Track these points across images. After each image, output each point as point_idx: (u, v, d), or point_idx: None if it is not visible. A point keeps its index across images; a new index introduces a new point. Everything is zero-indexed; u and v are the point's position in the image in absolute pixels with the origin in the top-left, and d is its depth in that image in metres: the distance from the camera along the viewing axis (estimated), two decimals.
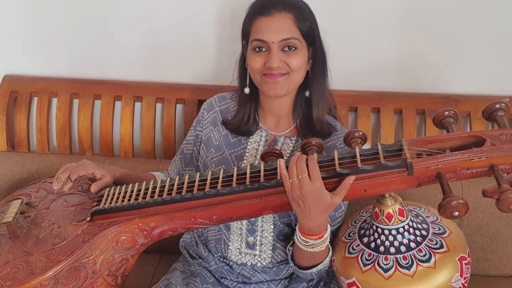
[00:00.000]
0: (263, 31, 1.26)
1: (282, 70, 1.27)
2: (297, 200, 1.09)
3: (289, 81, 1.30)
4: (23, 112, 1.89)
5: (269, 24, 1.25)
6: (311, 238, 1.17)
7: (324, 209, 1.09)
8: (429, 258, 1.18)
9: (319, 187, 1.06)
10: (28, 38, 1.89)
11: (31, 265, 1.14)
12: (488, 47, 1.70)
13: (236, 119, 1.41)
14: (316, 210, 1.09)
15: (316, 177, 1.06)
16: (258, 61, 1.28)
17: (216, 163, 1.40)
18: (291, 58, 1.27)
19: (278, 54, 1.26)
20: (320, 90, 1.34)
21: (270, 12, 1.25)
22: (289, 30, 1.26)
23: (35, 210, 1.32)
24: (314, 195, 1.07)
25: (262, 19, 1.26)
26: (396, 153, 1.05)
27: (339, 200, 1.08)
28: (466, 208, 0.94)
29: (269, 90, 1.30)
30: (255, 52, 1.29)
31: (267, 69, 1.27)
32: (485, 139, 1.01)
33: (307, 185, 1.06)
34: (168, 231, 1.20)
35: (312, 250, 1.19)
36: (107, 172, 1.34)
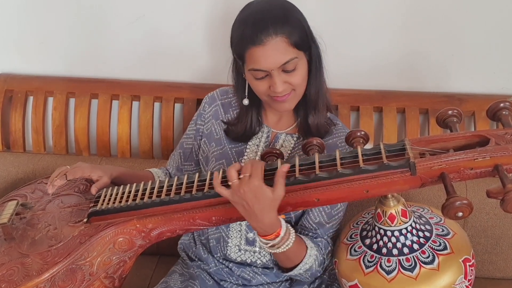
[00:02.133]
0: (260, 61, 1.22)
1: (287, 90, 1.27)
2: (239, 202, 1.10)
3: (296, 96, 1.30)
4: (18, 112, 1.89)
5: (264, 53, 1.21)
6: (269, 238, 1.17)
7: (269, 205, 1.10)
8: (432, 260, 1.18)
9: (257, 184, 1.08)
10: (23, 36, 1.89)
11: (27, 267, 1.15)
12: (492, 45, 1.71)
13: (238, 128, 1.41)
14: (261, 208, 1.10)
15: (255, 175, 1.08)
16: (262, 87, 1.27)
17: (217, 157, 1.41)
18: (293, 77, 1.25)
19: (280, 77, 1.24)
20: (315, 91, 1.33)
21: (261, 41, 1.20)
22: (285, 53, 1.22)
23: (31, 211, 1.32)
24: (254, 192, 1.08)
25: (255, 49, 1.21)
26: (398, 153, 1.05)
27: (280, 191, 1.08)
28: (470, 208, 0.94)
29: (279, 108, 1.32)
30: (256, 80, 1.27)
31: (273, 93, 1.26)
32: (489, 139, 1.01)
33: (246, 184, 1.08)
34: (167, 233, 1.21)
35: (278, 251, 1.19)
36: (103, 173, 1.35)
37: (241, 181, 1.08)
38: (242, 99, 1.36)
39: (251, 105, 1.37)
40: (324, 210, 1.34)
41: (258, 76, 1.26)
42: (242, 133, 1.40)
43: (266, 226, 1.14)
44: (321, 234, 1.35)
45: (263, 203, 1.09)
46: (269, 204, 1.10)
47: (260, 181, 1.08)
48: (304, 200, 1.11)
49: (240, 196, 1.09)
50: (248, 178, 1.08)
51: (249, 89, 1.34)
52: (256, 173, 1.08)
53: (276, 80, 1.23)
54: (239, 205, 1.11)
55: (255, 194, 1.08)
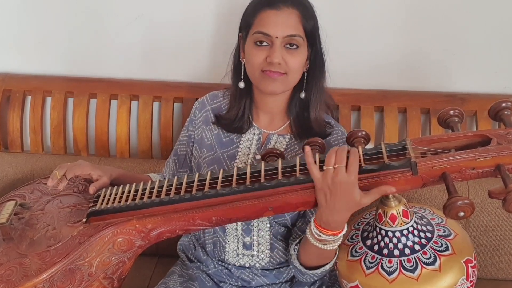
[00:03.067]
0: (269, 25, 1.26)
1: (281, 68, 1.27)
2: (324, 189, 1.06)
3: (286, 81, 1.30)
4: (16, 111, 1.90)
5: (276, 18, 1.25)
6: (326, 232, 1.14)
7: (350, 206, 1.08)
8: (434, 260, 1.18)
9: (353, 181, 1.04)
10: (22, 35, 1.89)
11: (25, 268, 1.15)
12: (494, 44, 1.71)
13: (230, 114, 1.41)
14: (341, 204, 1.07)
15: (353, 170, 1.04)
16: (259, 56, 1.28)
17: (209, 163, 1.41)
18: (292, 57, 1.27)
19: (281, 50, 1.26)
20: (318, 93, 1.35)
21: (278, 5, 1.25)
22: (295, 26, 1.26)
23: (30, 212, 1.32)
24: (345, 188, 1.04)
25: (269, 12, 1.26)
26: (400, 153, 1.06)
27: (368, 201, 1.06)
28: (471, 208, 0.95)
29: (267, 87, 1.30)
30: (256, 46, 1.28)
31: (267, 65, 1.27)
32: (491, 138, 1.01)
33: (341, 176, 1.04)
34: (166, 233, 1.21)
35: (323, 247, 1.17)
36: (103, 173, 1.35)
37: (337, 171, 1.04)
38: (237, 82, 1.37)
39: (244, 92, 1.38)
40: None
41: (260, 40, 1.27)
42: (232, 120, 1.40)
43: (334, 222, 1.12)
44: None
45: (346, 202, 1.07)
46: (351, 205, 1.08)
47: (356, 179, 1.05)
48: (305, 200, 1.11)
49: (329, 186, 1.05)
50: (344, 170, 1.04)
51: (245, 76, 1.35)
52: (355, 168, 1.04)
53: (276, 49, 1.25)
54: (321, 192, 1.07)
55: (346, 190, 1.05)
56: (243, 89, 1.37)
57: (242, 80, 1.37)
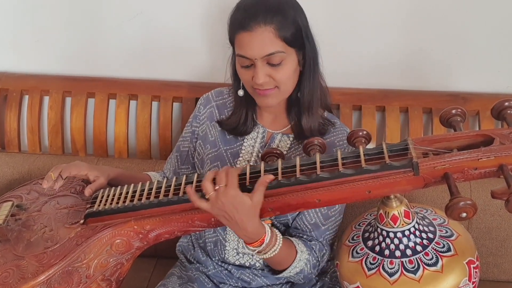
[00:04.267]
0: (246, 48, 1.24)
1: (270, 85, 1.27)
2: (220, 213, 1.11)
3: (279, 93, 1.30)
4: (13, 111, 1.90)
5: (250, 40, 1.23)
6: (255, 245, 1.18)
7: (249, 213, 1.10)
8: (436, 262, 1.18)
9: (233, 194, 1.08)
10: (19, 34, 1.89)
11: (22, 270, 1.15)
12: (497, 43, 1.71)
13: (232, 120, 1.41)
14: (242, 217, 1.10)
15: (231, 184, 1.08)
16: (246, 76, 1.29)
17: (212, 160, 1.41)
18: (277, 73, 1.26)
19: (263, 69, 1.25)
20: (309, 93, 1.33)
21: (250, 26, 1.22)
22: (271, 44, 1.23)
23: (26, 213, 1.32)
24: (232, 202, 1.08)
25: (243, 35, 1.24)
26: (401, 153, 1.05)
27: (258, 197, 1.09)
28: (474, 209, 0.94)
29: (261, 102, 1.32)
30: (242, 68, 1.29)
31: (255, 84, 1.27)
32: (494, 138, 1.01)
33: (223, 194, 1.08)
34: (165, 234, 1.21)
35: (265, 256, 1.20)
36: (100, 173, 1.35)
37: (217, 192, 1.09)
38: (237, 90, 1.37)
39: (246, 98, 1.38)
40: (320, 210, 1.34)
41: (244, 64, 1.27)
42: (235, 126, 1.40)
43: (250, 234, 1.15)
44: (316, 236, 1.35)
45: (242, 212, 1.10)
46: (250, 212, 1.10)
47: (236, 189, 1.08)
48: (305, 201, 1.11)
49: (219, 208, 1.10)
50: (224, 188, 1.08)
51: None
52: (232, 182, 1.09)
53: (258, 71, 1.25)
54: (220, 216, 1.12)
55: (233, 203, 1.09)
56: (244, 95, 1.37)
57: (242, 87, 1.36)
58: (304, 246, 1.31)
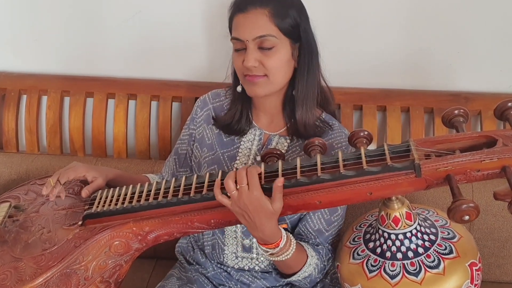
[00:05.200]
0: (239, 29, 1.26)
1: (259, 71, 1.27)
2: (240, 212, 1.11)
3: (269, 83, 1.29)
4: (11, 111, 1.90)
5: (244, 21, 1.25)
6: (268, 247, 1.19)
7: (269, 216, 1.11)
8: (437, 264, 1.18)
9: (256, 196, 1.08)
10: (17, 33, 1.89)
11: (20, 272, 1.15)
12: (499, 42, 1.70)
13: (227, 116, 1.41)
14: (260, 219, 1.11)
15: (253, 185, 1.08)
16: (238, 61, 1.29)
17: (209, 163, 1.41)
18: (268, 59, 1.25)
19: (254, 53, 1.25)
20: (304, 89, 1.32)
21: (246, 8, 1.25)
22: (264, 27, 1.24)
23: (24, 214, 1.32)
24: (254, 204, 1.09)
25: (239, 16, 1.26)
26: (403, 154, 1.05)
27: (279, 204, 1.09)
28: (476, 212, 0.94)
29: (249, 91, 1.32)
30: (235, 52, 1.30)
31: (246, 70, 1.27)
32: (497, 139, 1.01)
33: (245, 195, 1.08)
34: (164, 236, 1.21)
35: (277, 259, 1.21)
36: (99, 174, 1.34)
37: (240, 192, 1.09)
38: (235, 85, 1.38)
39: (242, 95, 1.38)
40: (323, 216, 1.34)
41: (237, 47, 1.28)
42: (230, 122, 1.40)
43: (266, 236, 1.16)
44: (322, 242, 1.36)
45: (263, 215, 1.10)
46: (269, 216, 1.11)
47: (259, 191, 1.09)
48: (306, 202, 1.10)
49: (240, 207, 1.10)
50: (247, 189, 1.08)
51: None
52: (254, 183, 1.09)
53: (248, 52, 1.25)
54: (239, 215, 1.12)
55: (255, 206, 1.09)
56: (241, 92, 1.37)
57: (240, 84, 1.36)
58: (313, 251, 1.32)
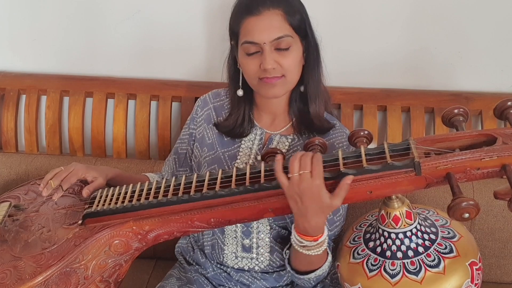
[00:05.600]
0: (253, 32, 1.24)
1: (277, 72, 1.27)
2: (294, 197, 1.08)
3: (286, 82, 1.30)
4: (10, 111, 1.90)
5: (259, 24, 1.23)
6: (306, 239, 1.16)
7: (322, 209, 1.09)
8: (438, 263, 1.18)
9: (318, 185, 1.05)
10: (16, 32, 1.89)
11: (20, 271, 1.15)
12: (500, 41, 1.71)
13: (229, 121, 1.41)
14: (313, 209, 1.08)
15: (318, 174, 1.05)
16: (253, 65, 1.28)
17: (209, 163, 1.41)
18: (285, 59, 1.26)
19: (272, 54, 1.25)
20: (315, 84, 1.34)
21: (258, 10, 1.23)
22: (280, 27, 1.24)
23: (24, 213, 1.32)
24: (312, 193, 1.06)
25: (251, 19, 1.24)
26: (403, 153, 1.06)
27: (338, 202, 1.07)
28: (476, 209, 0.94)
29: (267, 93, 1.31)
30: (248, 56, 1.28)
31: (263, 73, 1.27)
32: (497, 138, 1.01)
33: (306, 181, 1.05)
34: (164, 235, 1.21)
35: (307, 253, 1.19)
36: (99, 174, 1.35)
37: (302, 177, 1.05)
38: (236, 90, 1.37)
39: (244, 98, 1.38)
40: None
41: (250, 51, 1.26)
42: (233, 127, 1.40)
43: (310, 227, 1.13)
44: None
45: (317, 206, 1.08)
46: (323, 209, 1.08)
47: (322, 182, 1.06)
48: None
49: (297, 193, 1.07)
50: (309, 175, 1.06)
51: (243, 81, 1.35)
52: (319, 172, 1.06)
53: (266, 55, 1.24)
54: (292, 200, 1.09)
55: (314, 195, 1.06)
56: (242, 95, 1.37)
57: (241, 87, 1.36)
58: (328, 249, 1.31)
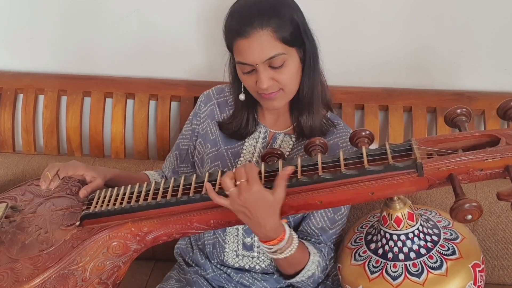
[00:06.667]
0: (245, 54, 1.24)
1: (274, 88, 1.27)
2: (241, 210, 1.10)
3: (284, 95, 1.30)
4: (7, 110, 1.90)
5: (248, 46, 1.23)
6: (272, 243, 1.17)
7: (271, 209, 1.10)
8: (440, 265, 1.18)
9: (257, 189, 1.07)
10: (12, 30, 1.89)
11: (17, 273, 1.15)
12: (503, 40, 1.71)
13: (233, 124, 1.41)
14: (263, 214, 1.10)
15: (253, 179, 1.07)
16: (250, 82, 1.29)
17: (212, 159, 1.41)
18: (281, 75, 1.26)
19: (266, 73, 1.24)
20: (310, 92, 1.33)
21: (246, 32, 1.22)
22: (270, 47, 1.22)
23: (21, 214, 1.32)
24: (255, 198, 1.07)
25: (241, 42, 1.23)
26: (405, 153, 1.06)
27: (280, 193, 1.08)
28: (479, 211, 0.95)
29: (267, 106, 1.33)
30: (244, 74, 1.29)
31: (260, 89, 1.27)
32: (500, 138, 1.01)
33: (245, 190, 1.07)
34: (163, 237, 1.21)
35: (281, 256, 1.19)
36: (97, 174, 1.35)
37: (239, 188, 1.08)
38: (238, 94, 1.37)
39: (247, 101, 1.38)
40: (326, 215, 1.35)
41: (245, 70, 1.27)
42: (237, 130, 1.41)
43: (269, 232, 1.14)
44: (324, 240, 1.36)
45: (264, 208, 1.09)
46: (270, 208, 1.10)
47: (260, 185, 1.08)
48: (307, 202, 1.11)
49: (240, 204, 1.09)
50: (246, 184, 1.08)
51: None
52: (254, 177, 1.08)
53: (261, 76, 1.24)
54: (240, 213, 1.11)
55: (256, 199, 1.08)
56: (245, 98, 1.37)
57: (243, 92, 1.37)
58: (314, 248, 1.32)
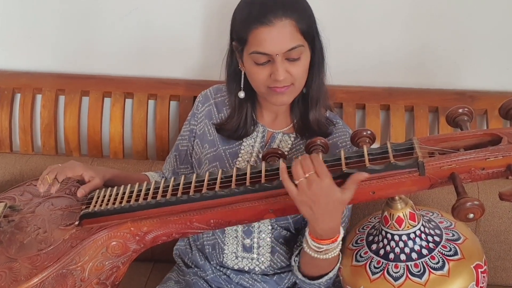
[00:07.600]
0: (265, 43, 1.22)
1: (287, 81, 1.26)
2: (307, 202, 1.06)
3: (294, 90, 1.30)
4: (5, 110, 1.90)
5: (271, 35, 1.21)
6: (324, 243, 1.14)
7: (337, 207, 1.08)
8: (442, 265, 1.19)
9: (328, 183, 1.05)
10: (10, 29, 1.90)
11: (15, 272, 1.15)
12: (505, 39, 1.71)
13: (231, 125, 1.40)
14: (328, 210, 1.07)
15: (324, 172, 1.05)
16: (262, 75, 1.26)
17: (210, 160, 1.41)
18: (295, 68, 1.25)
19: (283, 65, 1.24)
20: (317, 88, 1.34)
21: (270, 21, 1.20)
22: (292, 38, 1.22)
23: (20, 214, 1.33)
24: (325, 193, 1.05)
25: (262, 30, 1.21)
26: (406, 152, 1.06)
27: (350, 195, 1.06)
28: (481, 210, 0.95)
29: (276, 101, 1.30)
30: (257, 65, 1.26)
31: (272, 82, 1.26)
32: (502, 137, 1.02)
33: (316, 183, 1.04)
34: (162, 236, 1.21)
35: (325, 257, 1.17)
36: (96, 174, 1.35)
37: (309, 180, 1.05)
38: (236, 92, 1.36)
39: (246, 99, 1.37)
40: None
41: (260, 61, 1.25)
42: (235, 130, 1.40)
43: (328, 230, 1.12)
44: None
45: (332, 205, 1.07)
46: (337, 206, 1.08)
47: (331, 179, 1.05)
48: None
49: (308, 196, 1.06)
50: (316, 176, 1.05)
51: (245, 82, 1.34)
52: (325, 171, 1.05)
53: (278, 67, 1.23)
54: (304, 205, 1.07)
55: (326, 194, 1.05)
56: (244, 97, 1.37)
57: (242, 89, 1.36)
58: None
